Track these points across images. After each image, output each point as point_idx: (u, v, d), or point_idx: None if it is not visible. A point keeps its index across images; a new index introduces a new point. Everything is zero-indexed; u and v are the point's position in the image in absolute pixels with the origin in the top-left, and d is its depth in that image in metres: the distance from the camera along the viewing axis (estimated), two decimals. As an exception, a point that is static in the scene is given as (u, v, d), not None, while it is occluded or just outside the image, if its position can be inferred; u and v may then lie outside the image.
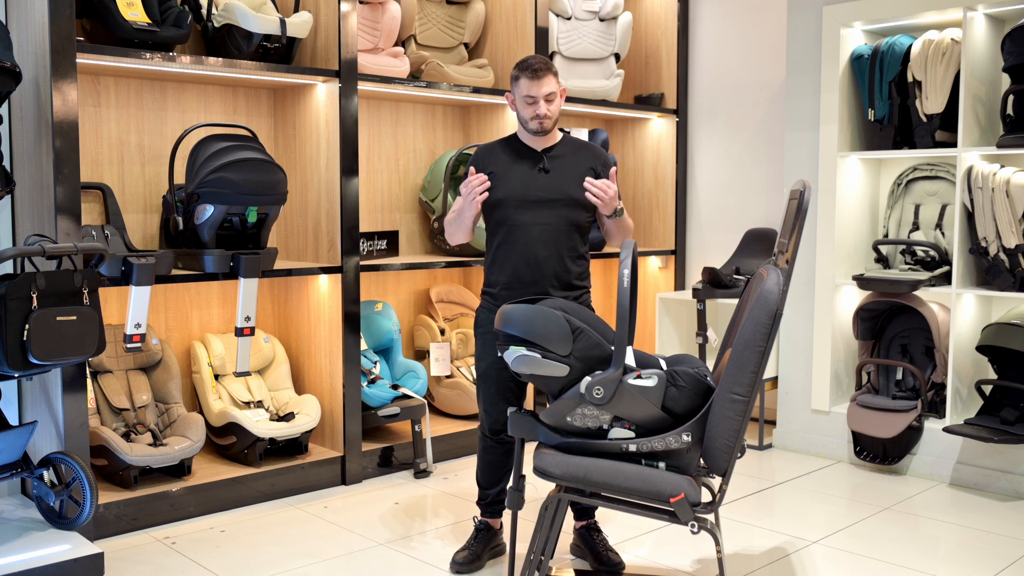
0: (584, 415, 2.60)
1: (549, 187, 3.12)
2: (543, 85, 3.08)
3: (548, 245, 3.10)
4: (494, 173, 3.16)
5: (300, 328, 4.33)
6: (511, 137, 3.26)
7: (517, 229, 3.12)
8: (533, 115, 3.11)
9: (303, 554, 3.35)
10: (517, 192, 3.12)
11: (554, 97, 3.12)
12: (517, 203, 3.12)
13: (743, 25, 5.32)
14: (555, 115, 3.13)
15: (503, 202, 3.13)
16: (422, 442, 4.30)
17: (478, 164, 3.21)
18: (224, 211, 3.58)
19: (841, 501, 4.00)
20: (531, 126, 3.13)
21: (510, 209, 3.12)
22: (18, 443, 3.13)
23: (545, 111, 3.10)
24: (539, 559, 2.74)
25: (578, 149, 3.21)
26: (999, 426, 4.01)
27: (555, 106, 3.13)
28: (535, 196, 3.11)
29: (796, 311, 4.69)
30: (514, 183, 3.13)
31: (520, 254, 3.11)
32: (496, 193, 3.14)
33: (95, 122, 3.89)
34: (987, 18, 4.23)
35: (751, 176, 5.32)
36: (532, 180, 3.13)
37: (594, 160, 3.20)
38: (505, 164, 3.17)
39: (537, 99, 3.09)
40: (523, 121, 3.15)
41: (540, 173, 3.14)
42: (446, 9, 4.93)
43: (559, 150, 3.19)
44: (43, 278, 2.94)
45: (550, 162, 3.16)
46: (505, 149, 3.22)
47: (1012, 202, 3.97)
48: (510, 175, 3.15)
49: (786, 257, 2.56)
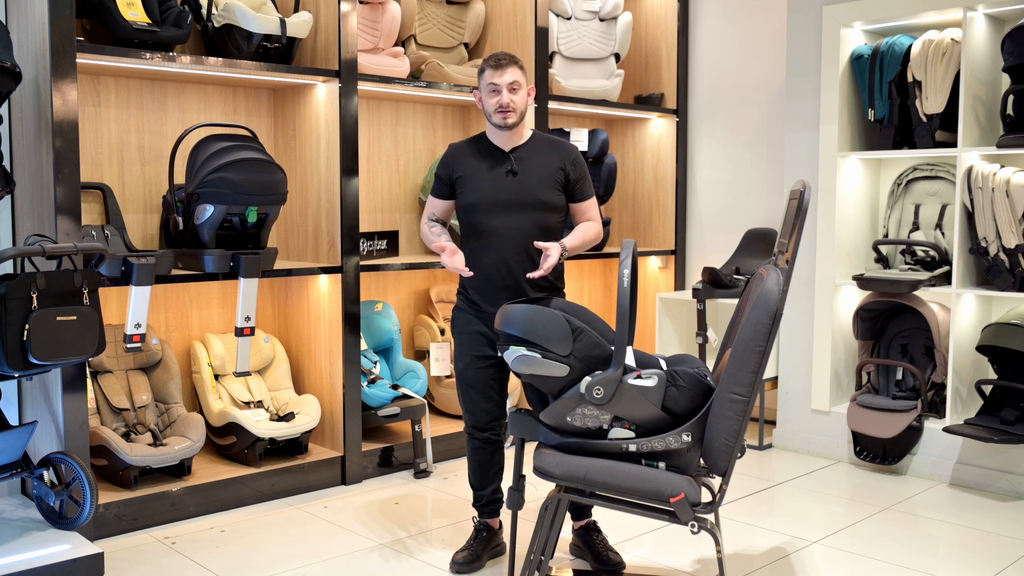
0: (584, 415, 2.60)
1: (517, 191, 3.10)
2: (505, 74, 3.07)
3: (519, 249, 3.08)
4: (462, 177, 3.15)
5: (300, 328, 4.33)
6: (480, 136, 3.23)
7: (488, 234, 3.10)
8: (497, 106, 3.08)
9: (303, 554, 3.35)
10: (486, 196, 3.10)
11: (518, 87, 3.08)
12: (486, 207, 3.10)
13: (743, 25, 5.32)
14: (520, 107, 3.09)
15: (473, 207, 3.12)
16: (422, 442, 4.30)
17: (447, 166, 3.20)
18: (224, 211, 3.59)
19: (841, 501, 4.00)
20: (495, 119, 3.10)
21: (480, 214, 3.11)
22: (18, 443, 3.13)
23: (508, 100, 3.06)
24: (539, 559, 2.74)
25: (546, 148, 3.17)
26: (999, 426, 4.01)
27: (519, 97, 3.09)
28: (504, 200, 3.09)
29: (796, 311, 4.69)
30: (483, 187, 3.11)
31: (492, 258, 3.10)
32: (466, 198, 3.13)
33: (95, 122, 3.89)
34: (987, 18, 4.23)
35: (751, 176, 5.32)
36: (500, 183, 3.11)
37: (563, 158, 3.15)
38: (473, 166, 3.15)
39: (500, 88, 3.07)
40: (488, 114, 3.12)
41: (508, 176, 3.11)
42: (446, 9, 4.93)
43: (526, 150, 3.16)
44: (43, 278, 2.94)
45: (517, 163, 3.12)
46: (473, 150, 3.19)
47: (1012, 202, 3.97)
48: (478, 178, 3.13)
49: (786, 257, 2.56)
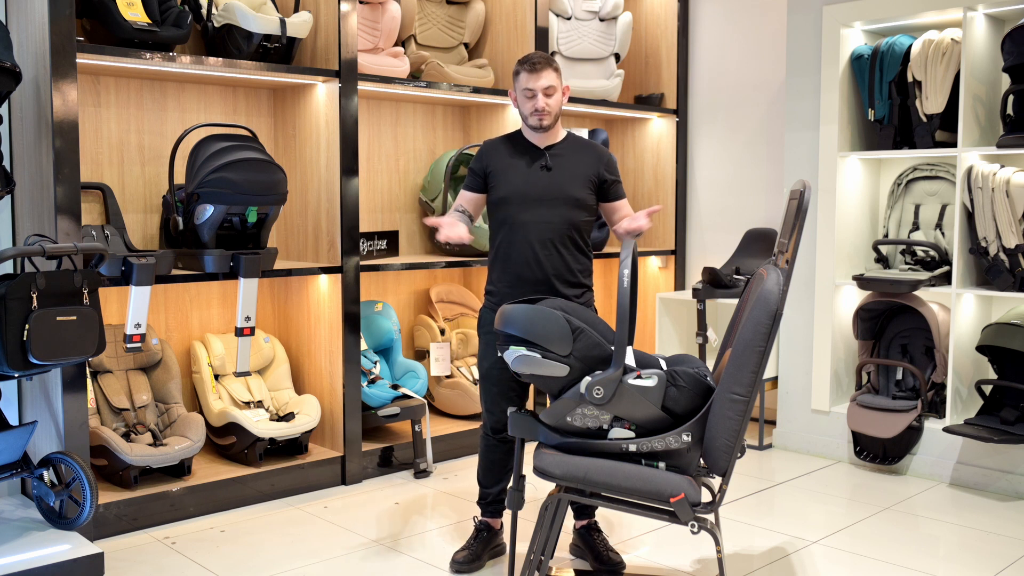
0: (584, 415, 2.60)
1: (550, 185, 3.12)
2: (541, 78, 3.10)
3: (549, 244, 3.11)
4: (496, 171, 3.17)
5: (300, 328, 4.33)
6: (515, 133, 3.27)
7: (518, 227, 3.12)
8: (532, 109, 3.11)
9: (303, 554, 3.35)
10: (518, 190, 3.13)
11: (553, 92, 3.12)
12: (518, 201, 3.12)
13: (743, 25, 5.32)
14: (554, 110, 3.13)
15: (505, 200, 3.14)
16: (422, 442, 4.30)
17: (481, 160, 3.23)
18: (224, 211, 3.58)
19: (841, 501, 4.00)
20: (530, 121, 3.14)
21: (511, 207, 3.13)
22: (18, 443, 3.13)
23: (543, 104, 3.10)
24: (539, 559, 2.74)
25: (581, 148, 3.21)
26: (999, 426, 4.01)
27: (554, 101, 3.13)
28: (536, 194, 3.12)
29: (796, 311, 4.69)
30: (516, 181, 3.14)
31: (521, 252, 3.12)
32: (498, 191, 3.16)
33: (95, 122, 3.89)
34: (987, 18, 4.23)
35: (751, 176, 5.32)
36: (533, 178, 3.14)
37: (597, 162, 3.18)
38: (507, 161, 3.18)
39: (535, 92, 3.10)
40: (523, 116, 3.16)
41: (542, 171, 3.15)
42: (446, 9, 4.93)
43: (561, 148, 3.19)
44: (43, 278, 2.94)
45: (552, 160, 3.16)
46: (508, 146, 3.23)
47: (1012, 202, 3.97)
48: (512, 173, 3.16)
49: (786, 257, 2.56)
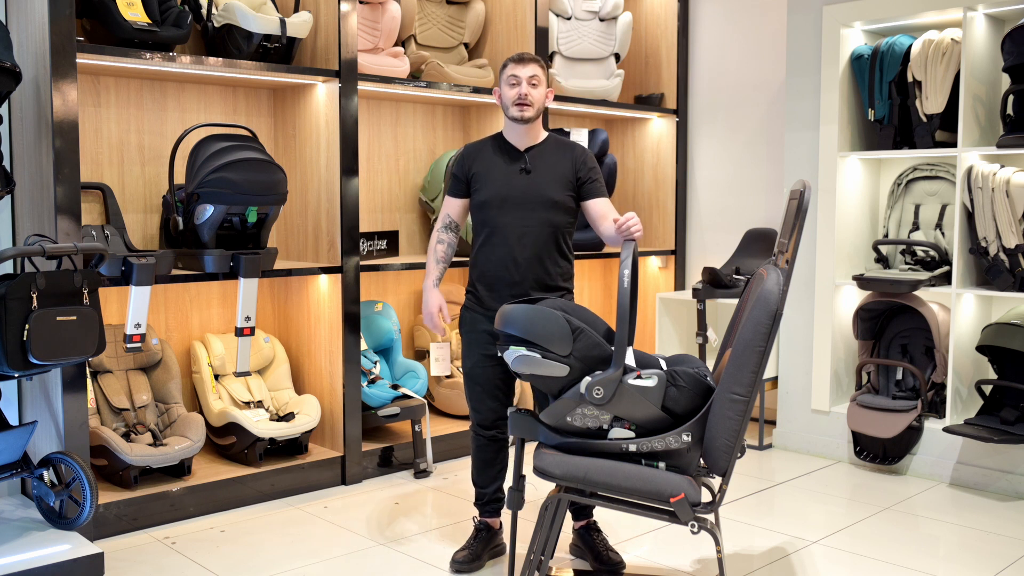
0: (584, 415, 2.60)
1: (528, 188, 3.13)
2: (527, 68, 3.12)
3: (528, 247, 3.11)
4: (477, 173, 3.19)
5: (300, 328, 4.33)
6: (497, 135, 3.27)
7: (498, 230, 3.13)
8: (515, 97, 3.11)
9: (303, 554, 3.35)
10: (499, 193, 3.14)
11: (538, 83, 3.13)
12: (498, 204, 3.13)
13: (743, 25, 5.32)
14: (537, 103, 3.14)
15: (486, 203, 3.16)
16: (422, 442, 4.30)
17: (463, 164, 3.24)
18: (224, 211, 3.59)
19: (841, 501, 4.00)
20: (512, 112, 3.13)
21: (492, 210, 3.14)
22: (18, 443, 3.13)
23: (526, 91, 3.11)
24: (539, 559, 2.74)
25: (558, 150, 3.21)
26: (999, 426, 4.01)
27: (538, 93, 3.14)
28: (515, 198, 3.12)
29: (796, 311, 4.69)
30: (496, 183, 3.15)
31: (501, 255, 3.13)
32: (480, 194, 3.17)
33: (95, 122, 3.89)
34: (987, 18, 4.23)
35: (751, 176, 5.32)
36: (513, 180, 3.14)
37: (572, 158, 3.18)
38: (488, 163, 3.19)
39: (520, 80, 3.11)
40: (506, 107, 3.16)
41: (521, 174, 3.15)
42: (446, 9, 4.93)
43: (540, 150, 3.19)
44: (43, 278, 2.94)
45: (531, 162, 3.16)
46: (489, 148, 3.23)
47: (1012, 202, 3.97)
48: (492, 175, 3.17)
49: (786, 257, 2.56)
